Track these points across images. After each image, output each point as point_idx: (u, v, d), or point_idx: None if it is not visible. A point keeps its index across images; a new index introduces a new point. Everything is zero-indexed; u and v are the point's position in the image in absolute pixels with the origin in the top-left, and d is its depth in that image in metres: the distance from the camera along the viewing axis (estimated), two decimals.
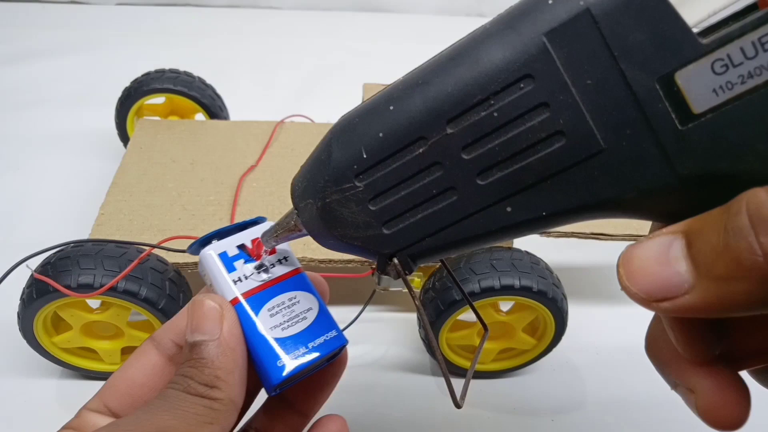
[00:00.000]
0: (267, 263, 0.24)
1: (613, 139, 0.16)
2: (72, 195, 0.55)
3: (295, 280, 0.24)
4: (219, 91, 0.56)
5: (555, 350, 0.41)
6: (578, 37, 0.15)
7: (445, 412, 0.40)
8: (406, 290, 0.42)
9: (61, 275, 0.34)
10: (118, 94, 0.54)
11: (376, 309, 0.47)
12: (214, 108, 0.55)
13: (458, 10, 1.01)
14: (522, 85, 0.16)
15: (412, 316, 0.43)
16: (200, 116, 0.56)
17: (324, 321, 0.24)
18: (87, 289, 0.34)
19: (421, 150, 0.17)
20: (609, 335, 0.47)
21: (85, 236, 0.41)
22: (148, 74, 0.54)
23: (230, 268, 0.23)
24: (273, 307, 0.23)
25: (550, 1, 0.16)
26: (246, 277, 0.23)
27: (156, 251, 0.38)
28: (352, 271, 0.41)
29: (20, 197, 0.55)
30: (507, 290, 0.37)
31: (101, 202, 0.44)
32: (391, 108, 0.18)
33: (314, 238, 0.21)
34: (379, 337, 0.45)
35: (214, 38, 0.83)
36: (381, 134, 0.18)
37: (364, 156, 0.18)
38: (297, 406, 0.26)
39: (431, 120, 0.17)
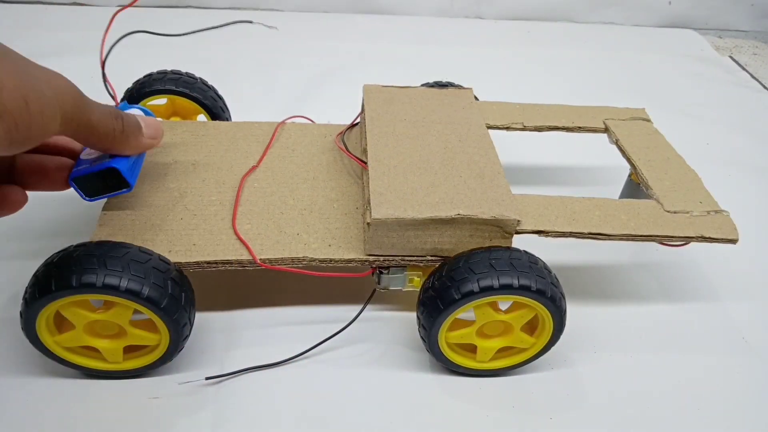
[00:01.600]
0: None
1: None
2: (74, 195, 0.55)
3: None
4: (221, 92, 0.57)
5: (553, 349, 0.41)
6: None
7: (444, 410, 0.41)
8: (406, 290, 0.43)
9: (64, 274, 0.35)
10: (120, 95, 0.55)
11: (375, 308, 0.47)
12: (215, 109, 0.55)
13: (457, 11, 1.02)
14: None
15: (412, 315, 0.44)
16: (202, 117, 0.56)
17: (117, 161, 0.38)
18: (89, 288, 0.35)
19: None
20: (607, 334, 0.47)
21: (87, 236, 0.41)
22: (150, 75, 0.54)
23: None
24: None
25: None
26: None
27: (158, 251, 0.38)
28: (352, 271, 0.42)
29: None
30: (506, 289, 0.37)
31: (103, 202, 0.44)
32: None
33: None
34: (379, 336, 0.45)
35: (215, 40, 0.84)
36: None
37: None
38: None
39: None
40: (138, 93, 0.53)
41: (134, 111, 0.44)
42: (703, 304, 0.51)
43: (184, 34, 0.54)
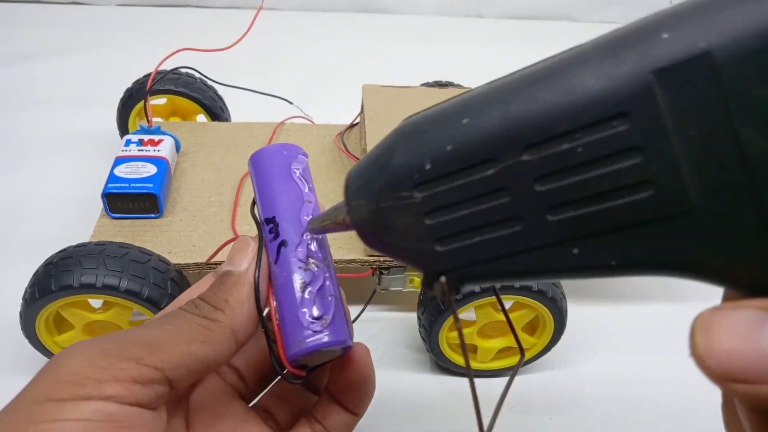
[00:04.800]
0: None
1: (707, 200, 0.14)
2: (74, 196, 0.55)
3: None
4: (220, 92, 0.57)
5: (554, 349, 0.41)
6: (691, 81, 0.13)
7: (444, 410, 0.41)
8: (407, 290, 0.43)
9: (63, 275, 0.34)
10: (120, 94, 0.55)
11: (376, 309, 0.47)
12: (215, 109, 0.55)
13: (458, 10, 1.01)
14: (615, 123, 0.14)
15: (412, 316, 0.43)
16: (201, 117, 0.56)
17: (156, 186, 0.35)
18: (89, 288, 0.34)
19: (490, 172, 0.16)
20: (608, 334, 0.47)
21: (87, 237, 0.41)
22: (149, 75, 0.54)
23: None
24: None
25: (664, 35, 0.14)
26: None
27: (158, 252, 0.38)
28: (352, 271, 0.42)
29: (22, 198, 0.55)
30: (507, 289, 0.37)
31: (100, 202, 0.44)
32: (465, 121, 0.16)
33: (362, 239, 0.20)
34: (380, 336, 0.45)
35: (215, 39, 0.83)
36: (449, 147, 0.16)
37: (428, 167, 0.17)
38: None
39: (507, 143, 0.15)
40: (138, 92, 0.53)
41: (166, 138, 0.45)
42: (704, 303, 0.51)
43: (228, 86, 0.55)
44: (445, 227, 0.17)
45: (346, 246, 0.41)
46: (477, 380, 0.44)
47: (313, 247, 0.22)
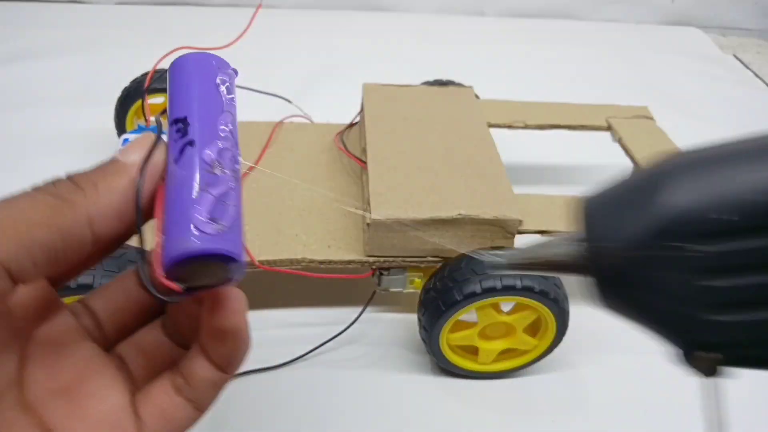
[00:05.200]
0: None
1: None
2: None
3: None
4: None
5: (556, 351, 0.41)
6: None
7: (445, 412, 0.40)
8: (407, 291, 0.42)
9: None
10: (118, 93, 0.54)
11: (376, 310, 0.47)
12: None
13: (458, 9, 1.01)
14: None
15: (413, 317, 0.43)
16: None
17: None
18: (87, 289, 0.34)
19: None
20: (610, 335, 0.46)
21: None
22: (147, 74, 0.54)
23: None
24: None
25: None
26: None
27: None
28: (352, 272, 0.41)
29: None
30: (509, 290, 0.37)
31: None
32: None
33: (596, 289, 0.16)
34: (380, 337, 0.45)
35: (213, 38, 0.83)
36: (754, 197, 0.13)
37: (721, 217, 0.14)
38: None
39: None
40: (135, 91, 0.53)
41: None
42: None
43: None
44: (725, 293, 0.14)
45: (345, 247, 0.41)
46: (478, 382, 0.44)
47: (226, 154, 0.19)
